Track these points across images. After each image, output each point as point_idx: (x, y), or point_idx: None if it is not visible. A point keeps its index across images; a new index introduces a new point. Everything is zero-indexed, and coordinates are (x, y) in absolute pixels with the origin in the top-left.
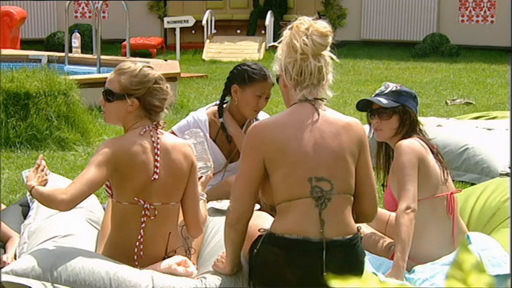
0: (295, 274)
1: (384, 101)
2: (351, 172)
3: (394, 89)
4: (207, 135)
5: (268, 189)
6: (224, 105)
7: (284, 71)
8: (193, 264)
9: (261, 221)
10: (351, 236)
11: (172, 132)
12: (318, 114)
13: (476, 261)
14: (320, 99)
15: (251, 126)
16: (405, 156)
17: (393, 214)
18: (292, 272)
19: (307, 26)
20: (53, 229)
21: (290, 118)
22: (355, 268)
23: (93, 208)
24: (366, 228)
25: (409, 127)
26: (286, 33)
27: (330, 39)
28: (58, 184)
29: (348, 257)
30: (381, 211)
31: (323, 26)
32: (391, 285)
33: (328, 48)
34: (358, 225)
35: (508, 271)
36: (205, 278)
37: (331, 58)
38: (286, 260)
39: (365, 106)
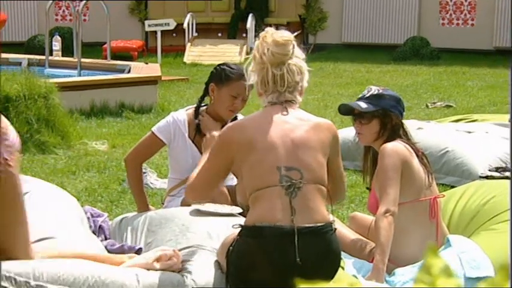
0: (268, 261)
1: (363, 105)
2: (321, 164)
3: (375, 92)
4: (186, 135)
5: (242, 189)
6: (204, 107)
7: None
8: (175, 254)
9: None
10: (323, 224)
11: (153, 133)
12: (287, 112)
13: (445, 265)
14: (290, 101)
15: (225, 127)
16: (388, 159)
17: None
18: (265, 259)
19: (269, 36)
20: (39, 231)
21: (260, 116)
22: (327, 255)
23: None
24: (348, 232)
25: (391, 131)
26: (255, 43)
27: (288, 48)
28: (37, 188)
29: (320, 244)
30: (364, 216)
31: (281, 35)
32: (361, 285)
33: (294, 55)
34: (332, 218)
35: (486, 274)
36: (190, 272)
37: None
38: (258, 248)
39: (347, 110)
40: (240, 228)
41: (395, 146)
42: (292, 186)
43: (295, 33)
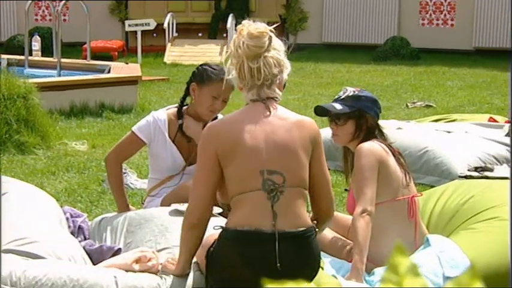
0: (249, 266)
1: (338, 106)
2: (304, 166)
3: (351, 93)
4: (166, 135)
5: (224, 189)
6: (185, 107)
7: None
8: (154, 255)
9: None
10: (304, 228)
11: (133, 132)
12: (270, 111)
13: (412, 264)
14: (272, 98)
15: (205, 127)
16: (365, 159)
17: None
18: (246, 263)
19: (244, 29)
20: (17, 231)
21: (242, 115)
22: (308, 260)
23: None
24: (328, 232)
25: (367, 132)
26: (233, 38)
27: (263, 40)
28: (16, 189)
29: (301, 249)
30: (344, 216)
31: (256, 27)
32: (333, 285)
33: (271, 48)
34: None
35: None
36: (169, 274)
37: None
38: (239, 253)
39: (323, 112)
40: (220, 230)
41: (372, 146)
42: (274, 191)
43: (273, 26)
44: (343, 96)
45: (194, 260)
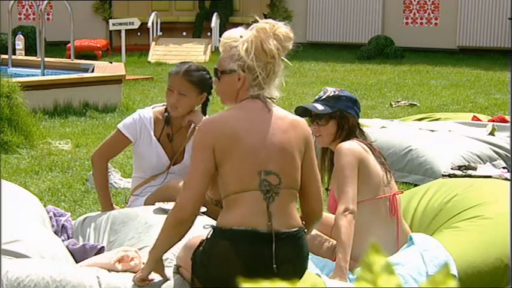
0: (243, 265)
1: (320, 107)
2: (298, 168)
3: (331, 94)
4: (152, 133)
5: (215, 183)
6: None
7: (245, 71)
8: (136, 254)
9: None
10: (297, 228)
11: (118, 130)
12: (269, 109)
13: (386, 262)
14: (270, 98)
15: (202, 121)
16: (344, 158)
17: None
18: (241, 263)
19: (275, 29)
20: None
21: (241, 112)
22: (302, 259)
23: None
24: None
25: (348, 131)
26: (251, 33)
27: (292, 43)
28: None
29: (296, 249)
30: (326, 215)
31: (287, 29)
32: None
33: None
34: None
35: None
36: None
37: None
38: (235, 252)
39: (304, 112)
40: (211, 230)
41: (351, 145)
42: (270, 192)
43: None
44: (324, 97)
45: (175, 263)
